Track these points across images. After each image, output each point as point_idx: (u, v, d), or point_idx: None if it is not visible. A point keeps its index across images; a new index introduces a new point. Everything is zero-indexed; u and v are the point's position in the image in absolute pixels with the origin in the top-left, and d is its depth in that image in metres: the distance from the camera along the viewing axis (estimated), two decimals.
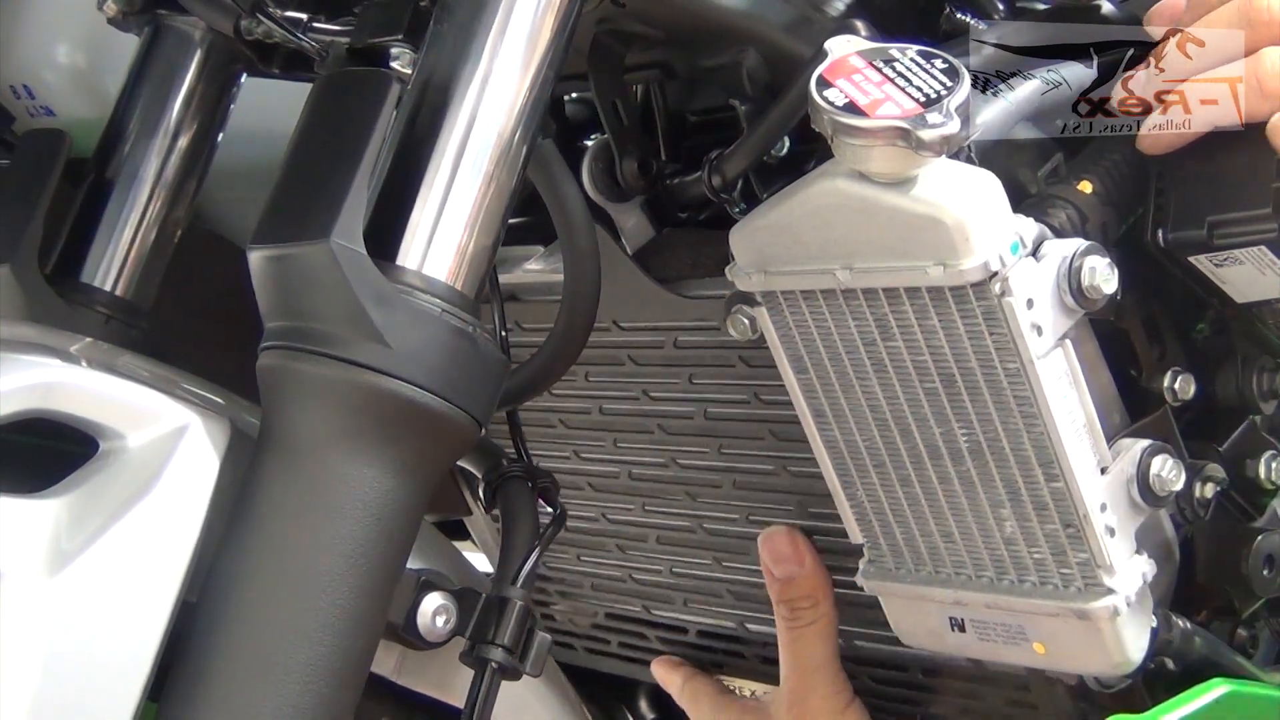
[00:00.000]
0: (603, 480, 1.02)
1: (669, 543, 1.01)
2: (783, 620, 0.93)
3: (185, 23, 0.94)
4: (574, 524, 1.05)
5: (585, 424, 1.01)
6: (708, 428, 0.95)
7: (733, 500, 0.96)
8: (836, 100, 0.72)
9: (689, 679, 1.04)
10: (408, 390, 0.67)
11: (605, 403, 0.99)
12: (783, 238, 0.79)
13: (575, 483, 1.03)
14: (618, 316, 0.93)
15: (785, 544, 0.92)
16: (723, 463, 0.96)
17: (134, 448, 0.69)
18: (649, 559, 1.03)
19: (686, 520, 1.00)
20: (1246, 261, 0.81)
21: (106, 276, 0.92)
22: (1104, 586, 0.79)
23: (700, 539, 0.99)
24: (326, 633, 0.66)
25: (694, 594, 1.02)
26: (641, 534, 1.03)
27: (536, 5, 0.72)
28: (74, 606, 0.64)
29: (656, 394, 0.96)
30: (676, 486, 0.99)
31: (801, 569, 0.91)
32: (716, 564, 1.00)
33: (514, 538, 0.77)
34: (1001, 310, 0.74)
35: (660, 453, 0.98)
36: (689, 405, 0.95)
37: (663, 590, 1.04)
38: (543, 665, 0.75)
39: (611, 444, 1.00)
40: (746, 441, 0.93)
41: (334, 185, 0.67)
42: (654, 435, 0.98)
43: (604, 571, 1.07)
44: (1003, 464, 0.79)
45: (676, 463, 0.98)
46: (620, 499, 1.02)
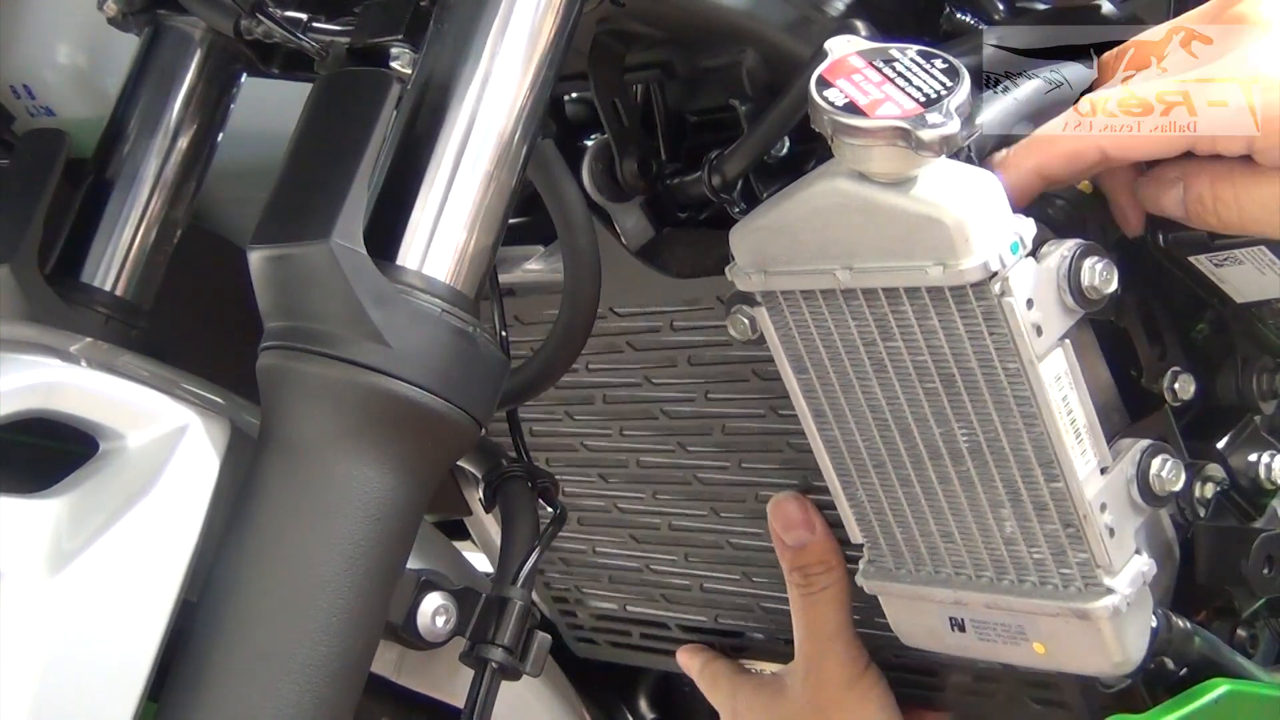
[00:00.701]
0: (612, 470, 1.03)
1: (680, 529, 1.02)
2: (796, 588, 0.92)
3: (185, 23, 0.93)
4: (585, 514, 1.05)
5: (589, 413, 1.01)
6: (711, 412, 0.95)
7: (740, 478, 0.96)
8: (836, 100, 0.72)
9: (706, 663, 1.03)
10: (408, 390, 0.67)
11: (608, 390, 0.99)
12: (782, 238, 0.79)
13: (585, 473, 1.04)
14: (615, 304, 0.94)
15: (795, 510, 0.92)
16: (729, 446, 0.96)
17: (134, 448, 0.69)
18: (662, 548, 1.03)
19: (698, 509, 1.00)
20: (1246, 261, 0.81)
21: (106, 276, 0.92)
22: (1104, 586, 0.79)
23: (711, 522, 1.00)
24: (326, 632, 0.66)
25: (709, 576, 1.02)
26: (652, 521, 1.03)
27: (536, 5, 0.72)
28: (74, 606, 0.64)
29: (658, 379, 0.96)
30: (685, 472, 0.99)
31: (813, 535, 0.91)
32: (729, 546, 1.00)
33: (514, 538, 0.77)
34: (1001, 310, 0.74)
35: (666, 439, 0.98)
36: (690, 390, 0.95)
37: (677, 576, 1.04)
38: (543, 665, 0.75)
39: (618, 432, 1.01)
40: (748, 420, 0.93)
41: (334, 185, 0.67)
42: (658, 421, 0.98)
43: (617, 561, 1.07)
44: (1002, 464, 0.79)
45: (684, 448, 0.98)
46: (630, 486, 1.03)
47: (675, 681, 1.20)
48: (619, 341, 0.96)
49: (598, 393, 1.00)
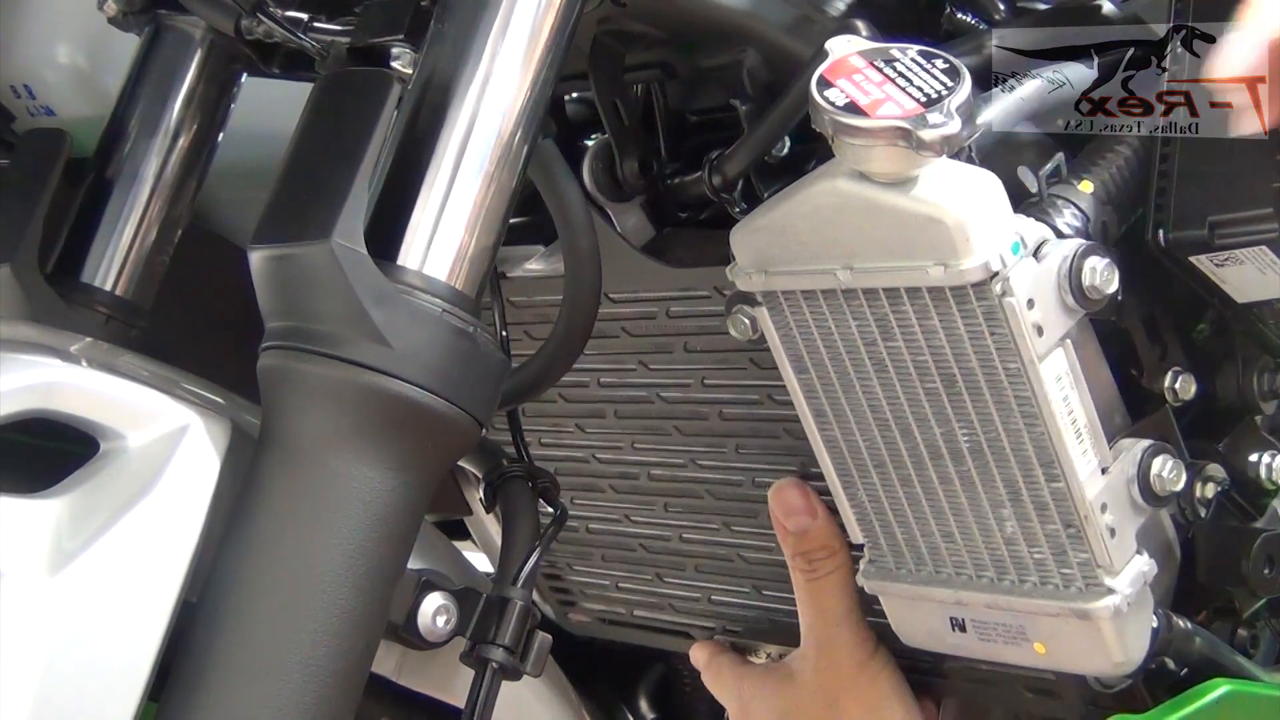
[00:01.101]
0: (611, 466, 1.03)
1: (679, 511, 1.01)
2: (800, 574, 0.91)
3: (185, 22, 0.93)
4: (576, 517, 1.05)
5: (582, 398, 1.01)
6: (707, 399, 0.95)
7: (737, 464, 0.96)
8: (837, 100, 0.72)
9: (712, 657, 1.03)
10: (408, 390, 0.67)
11: (602, 376, 0.99)
12: (783, 238, 0.79)
13: (580, 469, 1.04)
14: (609, 289, 0.93)
15: (796, 496, 0.91)
16: (725, 432, 0.96)
17: (134, 448, 0.69)
18: (662, 528, 1.03)
19: (696, 491, 1.00)
20: (1247, 261, 0.81)
21: (106, 276, 0.92)
22: (1104, 586, 0.79)
23: (708, 504, 0.99)
24: (327, 633, 0.66)
25: (706, 558, 1.02)
26: (650, 501, 1.03)
27: (537, 5, 0.72)
28: (74, 606, 0.64)
29: (654, 365, 0.96)
30: (683, 458, 0.99)
31: (814, 520, 0.90)
32: (726, 528, 0.99)
33: (514, 538, 0.77)
34: (1002, 310, 0.74)
35: (661, 425, 0.98)
36: (685, 377, 0.95)
37: (674, 558, 1.03)
38: (543, 665, 0.75)
39: (612, 413, 1.01)
40: (744, 407, 0.93)
41: (335, 185, 0.67)
42: (653, 406, 0.98)
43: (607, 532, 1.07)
44: (1003, 464, 0.79)
45: (680, 433, 0.98)
46: (628, 479, 1.03)
47: (675, 681, 1.20)
48: (614, 328, 0.96)
49: (591, 379, 1.00)
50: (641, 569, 1.06)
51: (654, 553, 1.05)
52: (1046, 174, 0.82)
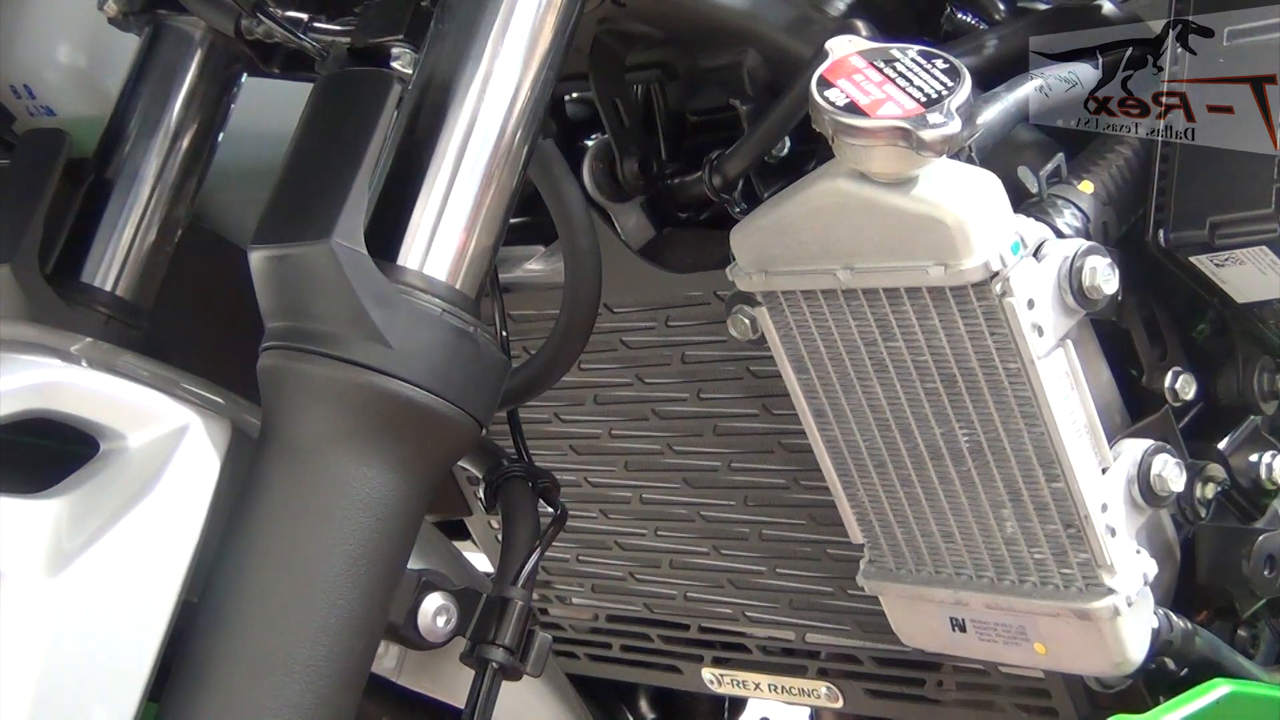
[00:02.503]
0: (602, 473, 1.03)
1: (669, 533, 1.01)
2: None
3: (186, 23, 0.94)
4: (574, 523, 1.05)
5: (579, 412, 1.01)
6: (703, 411, 0.95)
7: (730, 477, 0.96)
8: (837, 100, 0.72)
9: None
10: (408, 390, 0.67)
11: (600, 390, 0.99)
12: (783, 238, 0.79)
13: (574, 480, 1.04)
14: (610, 301, 0.93)
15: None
16: (721, 447, 0.96)
17: (134, 448, 0.69)
18: (649, 552, 1.03)
19: (684, 509, 0.99)
20: (1247, 261, 0.81)
21: (106, 276, 0.92)
22: (1105, 586, 0.79)
23: (699, 527, 0.99)
24: (327, 633, 0.66)
25: (693, 583, 1.02)
26: (641, 526, 1.02)
27: (537, 5, 0.72)
28: (74, 606, 0.64)
29: (651, 379, 0.96)
30: (674, 473, 0.99)
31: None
32: (715, 552, 0.99)
33: (514, 538, 0.77)
34: (1002, 310, 0.74)
35: (657, 438, 0.98)
36: (682, 389, 0.95)
37: (662, 582, 1.03)
38: (543, 665, 0.75)
39: (607, 433, 1.01)
40: (740, 420, 0.93)
41: (335, 185, 0.67)
42: (649, 421, 0.98)
43: (603, 571, 1.07)
44: (1003, 464, 0.79)
45: (671, 449, 0.98)
46: (621, 490, 1.03)
47: None
48: (613, 340, 0.96)
49: (589, 392, 1.00)
50: (630, 598, 1.06)
51: (642, 580, 1.05)
52: (1046, 174, 0.82)
